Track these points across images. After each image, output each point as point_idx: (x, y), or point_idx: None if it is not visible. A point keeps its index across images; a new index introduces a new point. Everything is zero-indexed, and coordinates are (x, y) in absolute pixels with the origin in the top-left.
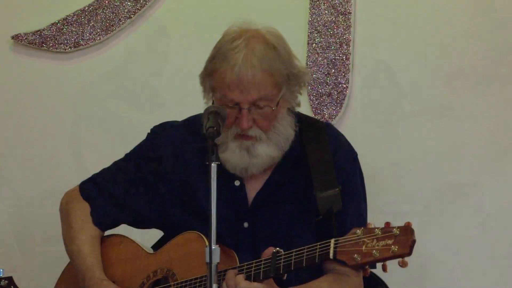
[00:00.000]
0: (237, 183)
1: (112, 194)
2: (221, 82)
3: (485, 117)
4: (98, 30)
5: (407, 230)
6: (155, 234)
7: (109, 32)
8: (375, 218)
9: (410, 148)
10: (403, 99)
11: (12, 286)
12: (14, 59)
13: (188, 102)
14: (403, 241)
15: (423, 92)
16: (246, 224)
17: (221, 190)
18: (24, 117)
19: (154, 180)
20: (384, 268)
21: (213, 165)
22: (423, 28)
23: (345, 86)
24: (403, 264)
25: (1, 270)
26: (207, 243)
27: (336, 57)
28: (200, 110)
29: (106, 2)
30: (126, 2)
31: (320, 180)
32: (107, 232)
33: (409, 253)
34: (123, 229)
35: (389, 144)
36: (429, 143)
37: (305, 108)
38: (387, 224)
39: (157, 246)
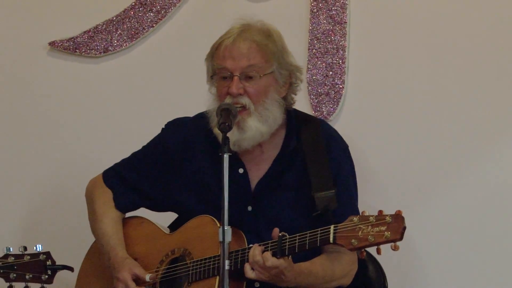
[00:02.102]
0: (241, 170)
1: (132, 181)
2: (217, 53)
3: (471, 112)
4: (125, 38)
5: (398, 218)
6: (166, 217)
7: (134, 39)
8: (368, 206)
9: (400, 142)
10: (392, 99)
11: (49, 260)
12: (50, 63)
13: (203, 102)
14: (395, 227)
15: (411, 92)
16: (250, 208)
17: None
18: (59, 115)
19: (168, 169)
20: (378, 251)
21: (225, 156)
22: (412, 34)
23: (341, 86)
24: (395, 248)
25: (40, 245)
26: (219, 225)
27: (333, 61)
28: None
29: (132, 13)
30: (149, 13)
31: (317, 181)
32: (128, 214)
33: (400, 239)
34: (140, 212)
35: (380, 138)
36: (417, 137)
37: (306, 106)
38: (380, 212)
39: (172, 226)
